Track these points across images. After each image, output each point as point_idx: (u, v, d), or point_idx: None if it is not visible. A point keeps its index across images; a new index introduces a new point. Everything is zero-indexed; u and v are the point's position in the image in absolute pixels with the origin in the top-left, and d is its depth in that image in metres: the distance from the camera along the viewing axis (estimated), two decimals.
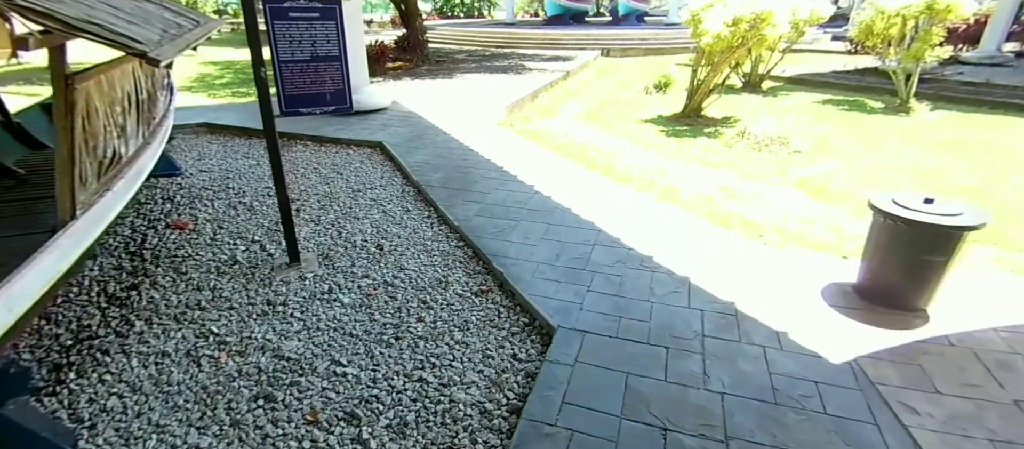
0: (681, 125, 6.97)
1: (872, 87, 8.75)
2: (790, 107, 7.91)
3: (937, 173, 4.72)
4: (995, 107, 7.31)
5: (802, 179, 4.70)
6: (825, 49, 15.48)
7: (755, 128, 6.15)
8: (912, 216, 2.22)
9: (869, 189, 4.39)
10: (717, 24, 6.06)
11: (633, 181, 4.67)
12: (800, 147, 5.74)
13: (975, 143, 5.64)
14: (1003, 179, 4.52)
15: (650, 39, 16.55)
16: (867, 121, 6.82)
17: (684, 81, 7.41)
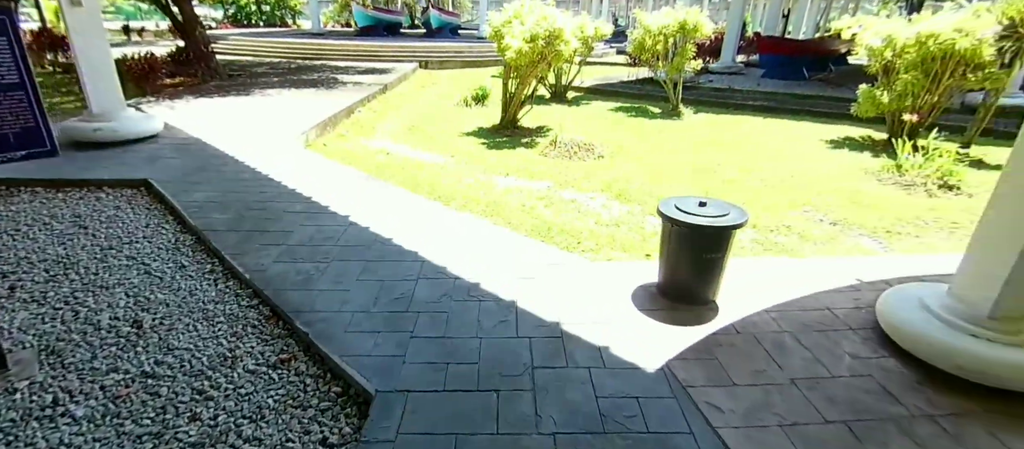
0: (500, 137, 7.13)
1: (651, 95, 10.16)
2: (591, 115, 8.72)
3: (707, 169, 5.57)
4: (737, 108, 9.06)
5: (607, 183, 5.11)
6: (613, 61, 17.66)
7: (565, 137, 6.58)
8: (692, 220, 2.45)
9: (659, 187, 4.96)
10: (517, 40, 6.31)
11: (458, 199, 4.54)
12: (603, 152, 6.29)
13: (729, 140, 6.86)
14: (752, 169, 5.51)
15: (466, 52, 16.93)
16: (650, 125, 7.83)
17: (500, 93, 7.62)
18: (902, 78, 5.86)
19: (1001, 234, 2.00)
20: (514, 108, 7.44)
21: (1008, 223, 1.98)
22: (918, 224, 4.08)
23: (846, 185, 4.97)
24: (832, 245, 3.73)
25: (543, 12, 6.72)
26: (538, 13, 6.70)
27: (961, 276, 2.16)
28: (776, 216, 4.26)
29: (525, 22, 6.54)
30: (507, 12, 6.88)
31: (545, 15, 6.62)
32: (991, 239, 2.05)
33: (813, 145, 6.56)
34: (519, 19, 6.68)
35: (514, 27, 6.52)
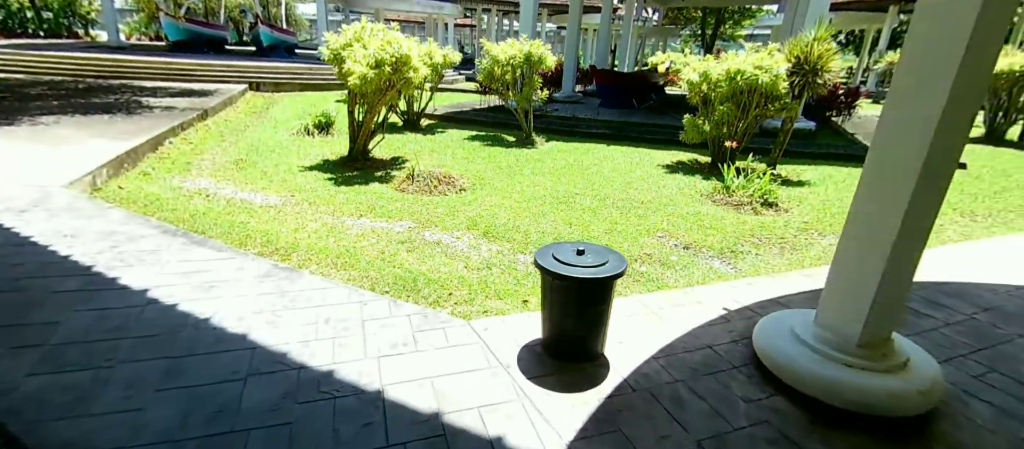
0: (350, 170, 6.43)
1: (504, 123, 10.29)
2: (447, 144, 8.45)
3: (567, 198, 5.62)
4: (584, 136, 9.59)
5: (472, 219, 4.82)
6: (463, 88, 17.79)
7: (422, 169, 6.17)
8: (574, 274, 2.24)
9: (525, 221, 4.83)
10: (361, 65, 5.77)
11: (300, 251, 3.82)
12: (464, 185, 6.02)
13: (581, 168, 7.11)
14: (606, 196, 5.71)
15: (305, 73, 15.54)
16: (507, 155, 7.82)
17: (347, 120, 6.91)
18: (719, 109, 6.67)
19: (859, 260, 2.12)
20: (363, 138, 6.81)
21: (864, 249, 2.10)
22: (754, 242, 4.53)
23: (688, 208, 5.39)
24: (690, 271, 3.90)
25: (388, 36, 6.28)
26: (382, 37, 6.23)
27: (826, 304, 2.28)
28: (636, 244, 4.38)
29: (368, 46, 6.01)
30: (347, 34, 6.28)
31: (390, 39, 6.17)
32: (850, 265, 2.17)
33: (652, 170, 7.13)
34: (360, 42, 6.13)
35: (356, 51, 5.95)
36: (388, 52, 5.96)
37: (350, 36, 6.25)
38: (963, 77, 1.74)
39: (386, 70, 5.95)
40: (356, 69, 5.76)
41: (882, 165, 2.00)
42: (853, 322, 2.10)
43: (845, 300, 2.16)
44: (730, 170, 6.09)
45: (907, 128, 1.89)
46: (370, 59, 5.86)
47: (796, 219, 5.17)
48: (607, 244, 4.37)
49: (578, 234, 4.57)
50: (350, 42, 6.16)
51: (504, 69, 8.50)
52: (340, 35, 6.34)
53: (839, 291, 2.21)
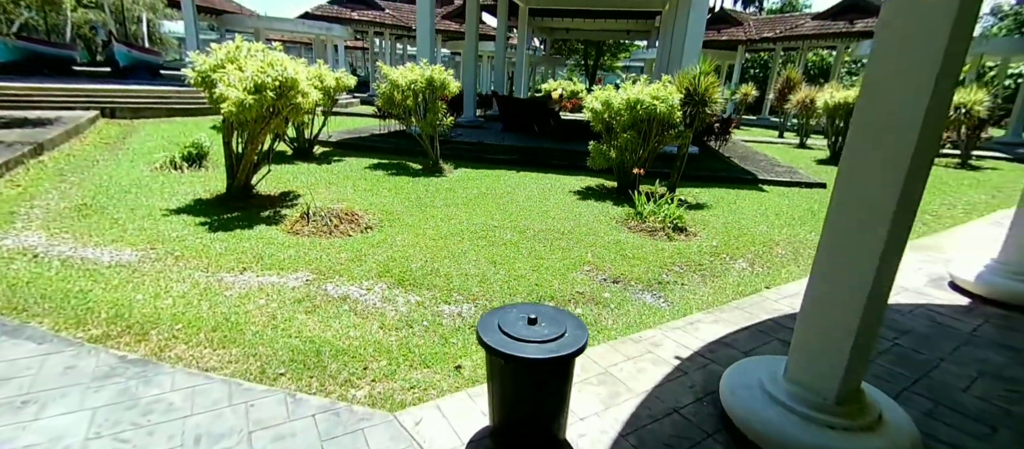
0: (230, 211, 5.50)
1: (407, 149, 9.74)
2: (346, 174, 7.71)
3: (486, 233, 5.26)
4: (491, 162, 9.35)
5: (383, 265, 4.26)
6: (360, 112, 16.86)
7: (319, 204, 5.45)
8: (527, 353, 1.85)
9: (444, 262, 4.37)
10: (236, 90, 4.98)
11: (163, 327, 3.02)
12: (370, 222, 5.41)
13: (495, 197, 6.82)
14: (525, 228, 5.44)
15: (173, 97, 13.63)
16: (415, 185, 7.31)
17: (224, 150, 5.96)
18: (623, 137, 6.79)
19: (833, 306, 1.99)
20: (245, 171, 5.90)
21: (839, 294, 1.97)
22: (676, 270, 4.51)
23: (608, 237, 5.30)
24: (624, 308, 3.72)
25: (270, 57, 5.53)
26: (262, 58, 5.47)
27: (797, 355, 2.13)
28: (566, 281, 4.13)
29: (245, 68, 5.22)
30: (218, 55, 5.42)
31: (272, 61, 5.43)
32: (823, 312, 2.04)
33: (565, 197, 7.04)
34: (235, 64, 5.31)
35: (230, 74, 5.12)
36: (270, 75, 5.22)
37: (222, 56, 5.39)
38: (933, 110, 1.69)
39: (268, 95, 5.19)
40: (231, 94, 4.94)
41: (853, 206, 1.90)
42: (830, 376, 1.97)
43: (820, 351, 2.02)
44: (641, 197, 6.16)
45: (878, 165, 1.80)
46: (248, 83, 5.07)
47: (706, 243, 5.29)
48: (536, 282, 4.07)
49: (504, 274, 4.21)
50: (222, 63, 5.31)
51: (405, 94, 8.01)
52: (210, 55, 5.45)
53: (812, 341, 2.07)
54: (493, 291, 3.89)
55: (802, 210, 6.89)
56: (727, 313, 3.51)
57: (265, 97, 5.17)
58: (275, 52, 5.71)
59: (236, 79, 5.07)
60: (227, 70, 5.18)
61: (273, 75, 5.24)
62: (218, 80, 5.12)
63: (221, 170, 7.06)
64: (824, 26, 19.61)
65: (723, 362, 2.78)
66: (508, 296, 3.83)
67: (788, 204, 7.19)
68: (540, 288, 3.99)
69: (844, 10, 19.39)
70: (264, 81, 5.15)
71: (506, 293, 3.87)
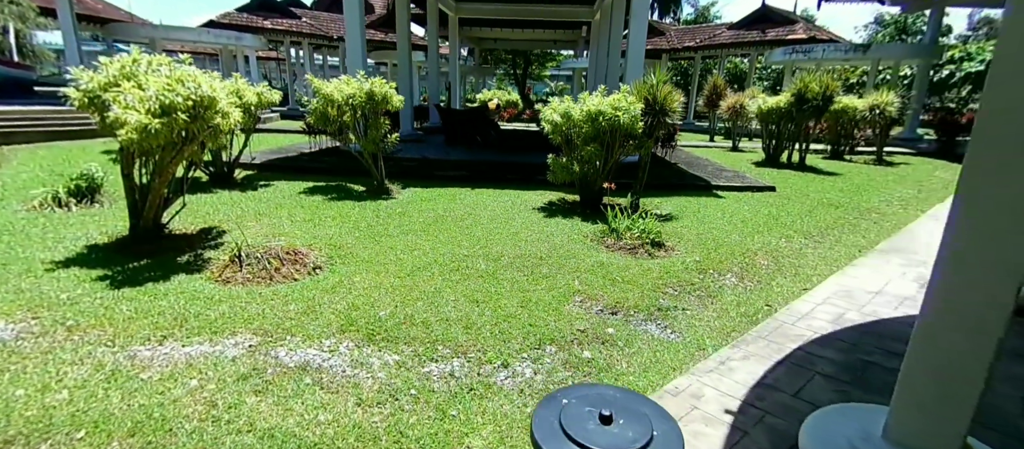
0: (137, 257, 4.49)
1: (346, 169, 8.88)
2: (278, 202, 6.77)
3: (457, 264, 4.67)
4: (441, 180, 8.72)
5: (344, 315, 3.56)
6: (285, 129, 15.49)
7: (252, 241, 4.61)
8: None
9: (420, 305, 3.74)
10: (136, 113, 4.05)
11: (55, 437, 2.18)
12: (317, 260, 4.63)
13: (455, 219, 6.22)
14: (499, 255, 4.91)
15: (52, 118, 11.70)
16: (362, 210, 6.54)
17: (124, 183, 4.90)
18: (586, 149, 6.47)
19: (960, 344, 1.64)
20: (153, 208, 4.89)
21: (967, 329, 1.62)
22: (671, 293, 4.17)
23: (588, 259, 4.90)
24: (635, 345, 3.30)
25: (179, 72, 4.60)
26: (168, 73, 4.54)
27: (905, 414, 1.78)
28: (561, 317, 3.65)
29: (147, 85, 4.28)
30: (110, 70, 4.41)
31: (182, 76, 4.52)
32: (940, 358, 1.69)
33: (530, 215, 6.59)
34: (133, 81, 4.35)
35: (126, 94, 4.16)
36: (180, 94, 4.31)
37: (115, 73, 4.39)
38: None
39: (180, 118, 4.28)
40: (130, 118, 4.00)
41: (990, 223, 1.56)
42: (950, 433, 1.63)
43: (935, 405, 1.68)
44: (613, 212, 5.85)
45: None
46: (152, 104, 4.14)
47: (688, 259, 5.04)
48: (530, 323, 3.55)
49: (490, 315, 3.65)
50: (115, 81, 4.32)
51: (342, 110, 7.21)
52: (99, 71, 4.44)
53: (924, 392, 1.73)
54: (484, 339, 3.33)
55: (763, 215, 6.91)
56: (751, 345, 3.19)
57: (176, 120, 4.26)
58: (184, 66, 4.78)
59: (135, 99, 4.12)
60: (123, 89, 4.20)
61: (184, 93, 4.34)
62: (111, 101, 4.14)
63: (121, 206, 5.92)
64: (740, 35, 20.86)
65: (779, 412, 2.43)
66: (502, 343, 3.29)
67: (749, 210, 7.21)
68: (536, 329, 3.48)
69: (756, 20, 20.76)
70: (173, 101, 4.24)
71: (499, 340, 3.33)
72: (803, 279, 4.61)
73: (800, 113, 10.47)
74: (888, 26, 32.57)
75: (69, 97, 4.31)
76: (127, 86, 4.23)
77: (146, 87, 4.24)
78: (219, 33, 19.34)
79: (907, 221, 6.85)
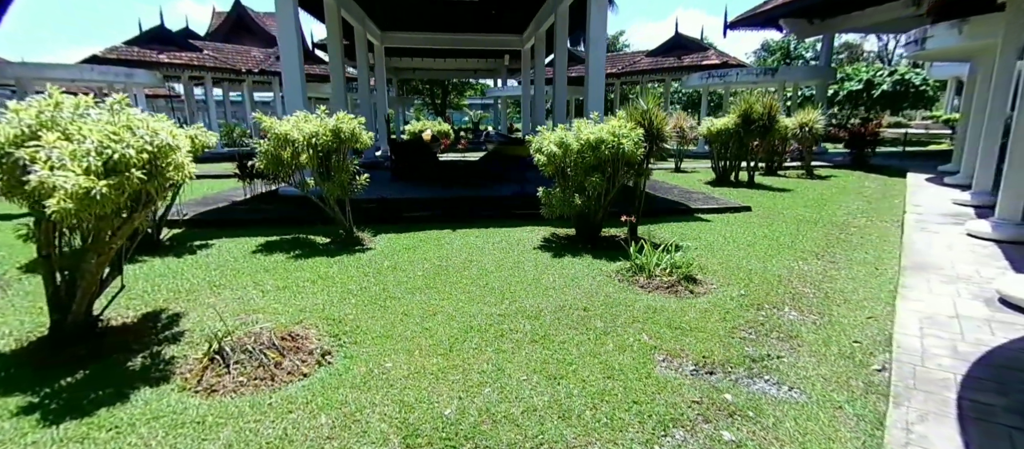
0: (70, 367, 3.24)
1: (296, 218, 7.73)
2: (232, 266, 5.56)
3: (496, 330, 3.93)
4: (411, 223, 7.84)
5: (400, 421, 2.73)
6: (213, 174, 13.53)
7: (219, 324, 3.56)
8: None
9: (484, 394, 2.98)
10: (74, 176, 2.95)
11: None
12: (322, 344, 3.68)
13: (458, 268, 5.45)
14: (517, 313, 4.25)
15: None
16: (341, 268, 5.54)
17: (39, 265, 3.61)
18: (591, 180, 6.04)
19: None
20: (87, 295, 3.65)
21: None
22: (748, 339, 3.76)
23: (633, 303, 4.40)
24: (769, 418, 2.81)
25: (126, 116, 3.51)
26: (107, 118, 3.44)
27: None
28: (660, 386, 3.09)
29: (79, 135, 3.18)
30: (20, 116, 3.23)
31: (132, 123, 3.44)
32: None
33: (535, 255, 6.00)
34: (56, 129, 3.22)
35: (49, 148, 3.03)
36: (131, 145, 3.25)
37: (29, 120, 3.21)
38: None
39: (134, 176, 3.21)
40: (65, 182, 2.89)
41: None
42: None
43: None
44: (639, 247, 5.43)
45: None
46: (91, 160, 3.05)
47: (732, 293, 4.73)
48: (631, 398, 2.95)
49: (580, 396, 2.99)
50: (31, 131, 3.15)
51: (302, 150, 6.20)
52: (2, 120, 3.23)
53: None
54: (596, 431, 2.67)
55: (761, 238, 6.87)
56: (913, 401, 2.79)
57: (129, 180, 3.18)
58: (127, 108, 3.66)
59: (66, 156, 3.00)
60: (44, 142, 3.06)
61: (136, 144, 3.28)
62: (30, 160, 2.98)
63: (24, 294, 4.52)
64: (658, 62, 22.06)
65: None
66: (619, 433, 2.65)
67: (742, 232, 7.17)
68: (644, 406, 2.88)
69: (672, 48, 22.12)
70: (123, 155, 3.16)
71: (614, 430, 2.68)
72: (855, 306, 4.45)
73: (747, 133, 10.97)
74: (775, 51, 36.72)
75: None
76: (50, 138, 3.08)
77: (79, 138, 3.13)
78: (106, 70, 16.73)
79: (887, 234, 7.15)
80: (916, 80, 21.88)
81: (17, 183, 3.10)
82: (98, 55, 17.37)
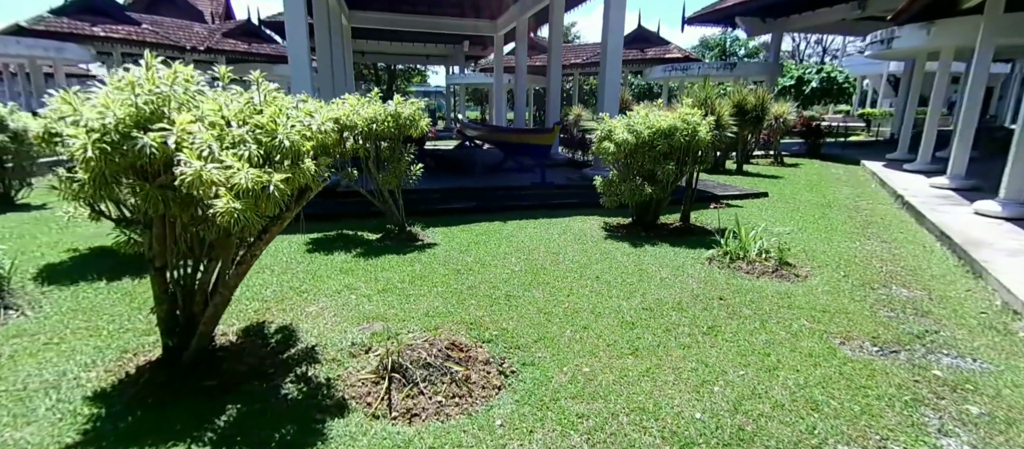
0: (212, 405, 2.68)
1: (323, 213, 7.01)
2: (306, 270, 4.90)
3: (660, 324, 3.79)
4: (451, 215, 7.39)
5: (679, 436, 2.52)
6: None
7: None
8: None
9: (671, 398, 2.83)
10: (242, 171, 2.46)
11: None
12: (485, 351, 3.33)
13: (543, 263, 5.19)
14: (640, 315, 4.14)
15: None
16: (420, 265, 5.08)
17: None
18: (666, 169, 6.00)
19: None
20: (219, 314, 3.02)
21: None
22: (895, 318, 3.90)
23: (754, 291, 4.41)
24: (986, 394, 2.92)
25: (277, 100, 2.92)
26: (231, 97, 2.85)
27: None
28: (848, 369, 3.10)
29: (225, 117, 2.61)
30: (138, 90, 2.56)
31: (281, 102, 2.88)
32: None
33: (609, 244, 5.85)
34: (190, 108, 2.61)
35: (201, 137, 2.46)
36: (300, 130, 2.75)
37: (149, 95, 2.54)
38: None
39: (308, 169, 2.72)
40: (238, 177, 2.33)
41: None
42: None
43: None
44: (737, 234, 5.42)
45: None
46: (252, 148, 2.51)
47: (833, 276, 4.87)
48: (853, 384, 2.93)
49: (790, 382, 2.93)
50: (154, 111, 2.51)
51: (361, 137, 5.61)
52: (125, 93, 2.54)
53: None
54: (861, 421, 2.62)
55: (798, 220, 7.19)
56: None
57: (302, 172, 2.67)
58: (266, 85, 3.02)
59: (211, 142, 2.41)
60: (178, 124, 2.44)
61: (302, 130, 2.77)
62: (180, 145, 2.38)
63: (81, 315, 3.74)
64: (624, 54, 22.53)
65: None
66: (884, 422, 2.62)
67: (777, 216, 7.45)
68: (875, 390, 2.88)
69: (634, 40, 22.67)
70: (293, 142, 2.65)
71: (874, 419, 2.66)
72: (944, 281, 4.76)
73: (743, 123, 11.49)
74: (713, 47, 39.04)
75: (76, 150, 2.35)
76: (183, 120, 2.48)
77: (217, 121, 2.56)
78: (34, 43, 14.12)
79: (898, 215, 7.78)
80: (840, 78, 24.11)
81: (136, 175, 2.49)
82: (22, 25, 14.65)
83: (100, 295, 4.17)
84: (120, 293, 4.23)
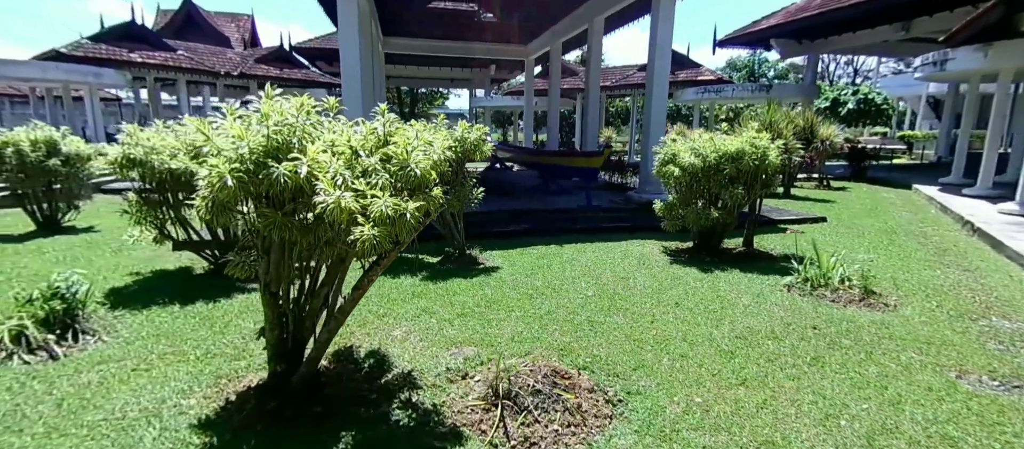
0: (292, 420, 2.64)
1: None
2: (377, 293, 4.91)
3: (757, 353, 3.66)
4: (504, 238, 7.36)
5: None
6: None
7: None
8: None
9: (797, 432, 2.69)
10: (380, 199, 2.48)
11: None
12: (587, 378, 3.24)
13: (613, 288, 5.10)
14: (732, 341, 4.00)
15: None
16: (490, 289, 5.05)
17: None
18: (733, 193, 5.89)
19: None
20: (331, 338, 3.02)
21: None
22: (993, 351, 3.70)
23: (846, 321, 4.24)
24: None
25: (403, 129, 2.97)
26: (384, 121, 2.89)
27: None
28: (974, 404, 2.92)
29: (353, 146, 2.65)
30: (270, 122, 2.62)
31: (403, 130, 2.92)
32: None
33: (677, 270, 5.74)
34: (320, 139, 2.65)
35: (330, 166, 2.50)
36: (433, 156, 2.81)
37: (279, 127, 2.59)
38: None
39: (436, 197, 2.75)
40: (379, 205, 2.34)
41: None
42: None
43: None
44: (815, 260, 5.27)
45: None
46: (384, 177, 2.52)
47: (924, 305, 4.67)
48: (985, 421, 2.75)
49: (919, 417, 2.76)
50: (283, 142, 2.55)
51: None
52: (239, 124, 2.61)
53: None
54: None
55: (867, 246, 6.98)
56: None
57: (432, 199, 2.70)
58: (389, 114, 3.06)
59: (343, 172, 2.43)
60: (309, 155, 2.46)
61: (434, 157, 2.82)
62: (312, 174, 2.40)
63: (162, 340, 3.77)
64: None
65: None
66: None
67: (844, 242, 7.25)
68: (1011, 427, 2.70)
69: None
70: (425, 171, 2.69)
71: None
72: None
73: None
74: (741, 69, 38.89)
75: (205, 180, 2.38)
76: (314, 150, 2.50)
77: (343, 150, 2.59)
78: (71, 68, 14.87)
79: (970, 241, 7.49)
80: (878, 99, 23.67)
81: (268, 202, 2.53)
82: (61, 51, 15.45)
83: (177, 320, 4.19)
84: (198, 317, 4.25)
